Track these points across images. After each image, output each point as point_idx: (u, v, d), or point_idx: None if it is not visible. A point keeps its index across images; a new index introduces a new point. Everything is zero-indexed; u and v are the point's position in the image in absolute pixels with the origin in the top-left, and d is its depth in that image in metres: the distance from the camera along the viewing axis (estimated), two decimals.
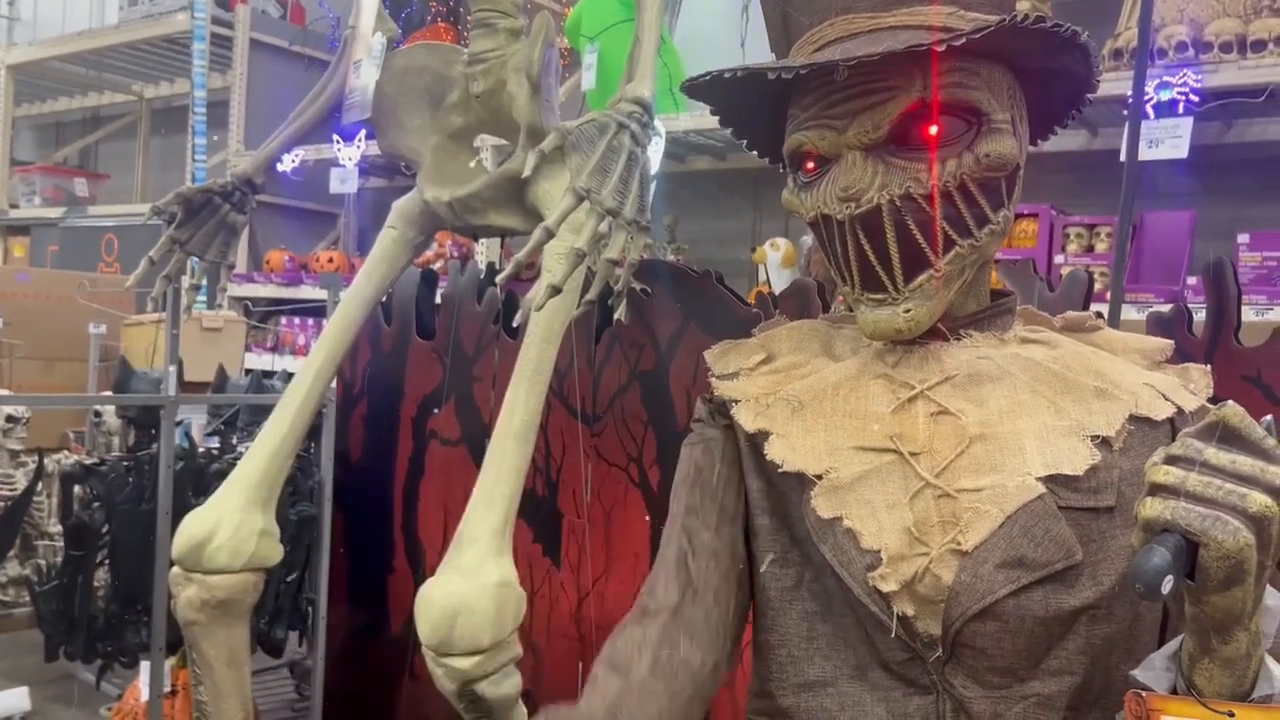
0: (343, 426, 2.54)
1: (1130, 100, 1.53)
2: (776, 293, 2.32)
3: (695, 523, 0.95)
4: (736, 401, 0.96)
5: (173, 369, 2.18)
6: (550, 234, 1.36)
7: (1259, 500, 0.64)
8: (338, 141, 4.25)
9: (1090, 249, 3.08)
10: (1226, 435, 0.67)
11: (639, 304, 2.08)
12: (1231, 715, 0.70)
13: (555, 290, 1.38)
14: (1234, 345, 1.56)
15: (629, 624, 0.93)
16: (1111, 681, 0.83)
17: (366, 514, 2.51)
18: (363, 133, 3.99)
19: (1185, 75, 2.87)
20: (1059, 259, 3.07)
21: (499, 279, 1.33)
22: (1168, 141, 2.88)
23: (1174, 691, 0.73)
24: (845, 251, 0.88)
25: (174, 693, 2.29)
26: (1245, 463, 0.66)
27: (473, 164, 1.92)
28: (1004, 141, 0.86)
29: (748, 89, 0.92)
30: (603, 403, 2.15)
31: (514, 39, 1.84)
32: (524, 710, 1.68)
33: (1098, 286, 3.02)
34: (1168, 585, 0.63)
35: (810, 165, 0.91)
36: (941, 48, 0.80)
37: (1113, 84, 3.01)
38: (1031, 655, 0.82)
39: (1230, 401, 0.69)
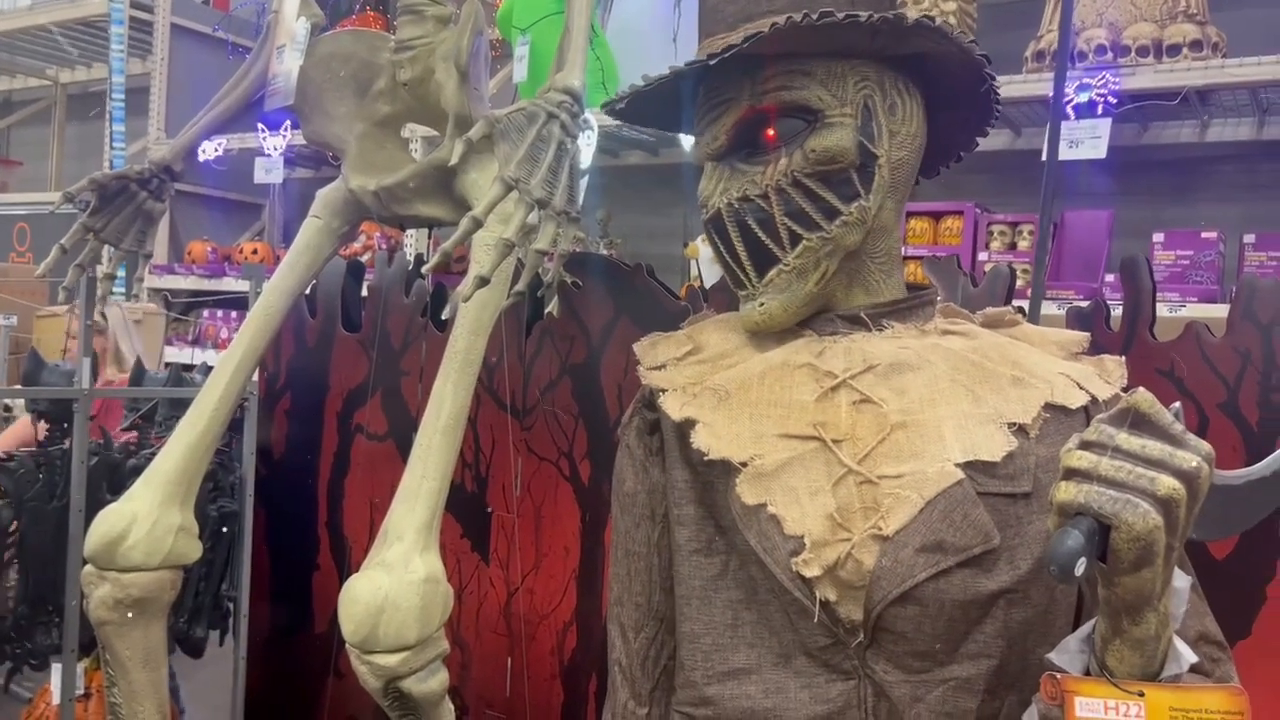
0: (266, 421, 2.48)
1: (1052, 101, 1.55)
2: (708, 287, 2.33)
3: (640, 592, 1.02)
4: (664, 391, 0.96)
5: (86, 361, 2.11)
6: (478, 223, 1.34)
7: (1167, 483, 0.65)
8: (262, 130, 4.15)
9: (1013, 246, 3.15)
10: (1137, 421, 0.69)
11: (570, 297, 2.06)
12: (1141, 695, 0.72)
13: (483, 281, 1.36)
14: (1149, 340, 1.60)
15: None
16: (1028, 664, 0.84)
17: (290, 510, 2.45)
18: (288, 122, 3.90)
19: (1104, 78, 2.96)
20: (983, 256, 3.13)
21: (425, 269, 1.32)
22: (1087, 142, 2.96)
23: (1087, 673, 0.75)
24: (714, 253, 0.97)
25: (87, 695, 2.21)
26: (1155, 447, 0.67)
27: (400, 153, 1.89)
28: (834, 135, 0.89)
29: (667, 98, 0.97)
30: (533, 396, 2.14)
31: (442, 26, 1.81)
32: (450, 707, 1.66)
33: (1020, 283, 3.10)
34: (1081, 567, 0.65)
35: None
36: (722, 55, 0.86)
37: (1035, 85, 3.08)
38: (950, 639, 0.84)
39: (1141, 388, 0.71)
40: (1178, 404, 0.72)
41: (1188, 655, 0.73)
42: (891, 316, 0.94)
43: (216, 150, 4.41)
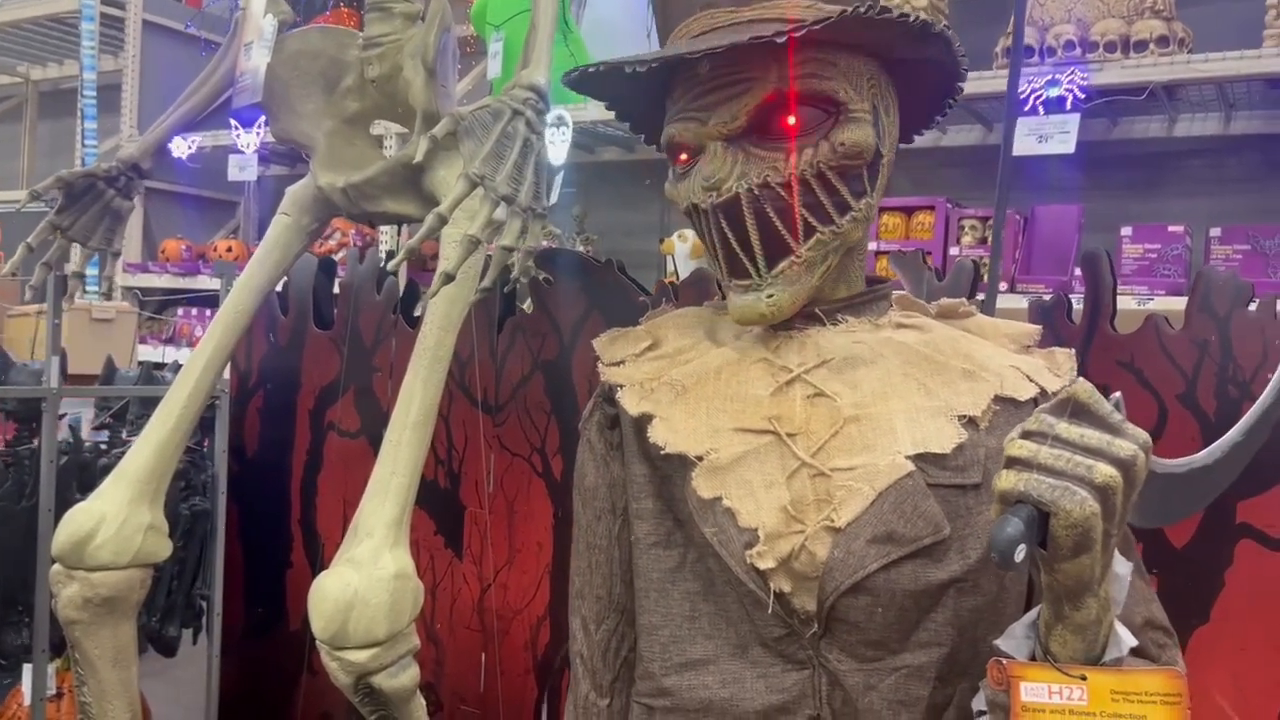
0: (238, 419, 2.47)
1: (1008, 96, 1.57)
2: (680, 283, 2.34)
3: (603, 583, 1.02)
4: (621, 387, 0.97)
5: (55, 359, 2.10)
6: (443, 220, 1.35)
7: (1104, 471, 0.67)
8: (236, 127, 4.13)
9: (984, 240, 3.17)
10: (1077, 411, 0.70)
11: (541, 293, 2.07)
12: (1084, 679, 0.73)
13: (449, 278, 1.36)
14: (1110, 332, 1.62)
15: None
16: (979, 652, 0.86)
17: (263, 508, 2.45)
18: (262, 119, 3.88)
19: (1073, 73, 2.98)
20: (954, 250, 3.15)
21: (390, 265, 1.32)
22: (1056, 137, 2.98)
23: (1033, 658, 0.77)
24: (712, 240, 0.92)
25: (59, 696, 2.20)
26: (1093, 436, 0.69)
27: (369, 150, 1.89)
28: (861, 130, 0.89)
29: (636, 81, 0.94)
30: (505, 393, 2.14)
31: (410, 23, 1.82)
32: (422, 702, 1.67)
33: (989, 277, 3.12)
34: (1020, 554, 0.66)
35: (683, 157, 0.94)
36: (780, 40, 0.82)
37: (1005, 80, 3.10)
38: (902, 628, 0.85)
39: (1081, 379, 0.72)
40: (1118, 394, 0.73)
41: (1128, 639, 0.75)
42: (846, 311, 0.95)
43: (190, 148, 4.39)
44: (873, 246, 3.23)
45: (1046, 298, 1.66)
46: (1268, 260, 2.85)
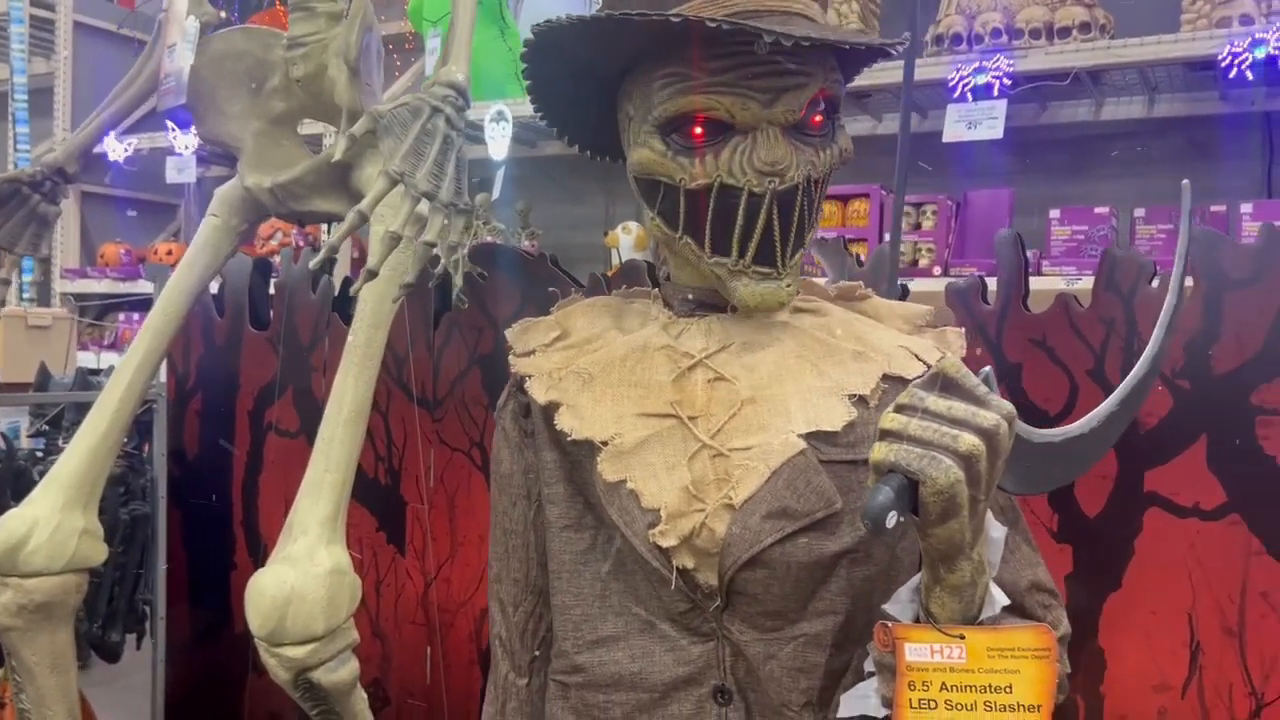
0: (177, 422, 2.46)
1: (903, 87, 1.61)
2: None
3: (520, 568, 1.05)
4: (530, 376, 0.99)
5: None
6: (364, 217, 1.37)
7: (968, 440, 0.71)
8: (173, 129, 4.08)
9: (918, 226, 3.24)
10: (946, 384, 0.74)
11: (476, 288, 2.09)
12: (962, 638, 0.77)
13: (372, 274, 1.38)
14: (1023, 312, 1.67)
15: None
16: (873, 619, 0.89)
17: (205, 510, 2.44)
18: None
19: (999, 60, 3.05)
20: (889, 236, 3.21)
21: (311, 264, 1.33)
22: (985, 123, 3.05)
23: (917, 621, 0.81)
24: (749, 224, 0.89)
25: (1, 706, 2.18)
26: (960, 408, 0.73)
27: (296, 149, 1.90)
28: (847, 136, 0.95)
29: (590, 55, 0.93)
30: (443, 388, 2.16)
31: (334, 23, 1.82)
32: (363, 695, 1.68)
33: (923, 261, 3.19)
34: (891, 520, 0.70)
35: (699, 131, 0.89)
36: (895, 51, 0.90)
37: (935, 68, 3.17)
38: (798, 598, 0.89)
39: (949, 355, 0.76)
40: (988, 368, 0.77)
41: (1001, 599, 0.79)
42: None
43: (127, 150, 4.32)
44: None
45: (962, 281, 1.71)
46: None
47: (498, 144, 3.48)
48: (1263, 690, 1.50)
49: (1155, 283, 1.58)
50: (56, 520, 1.73)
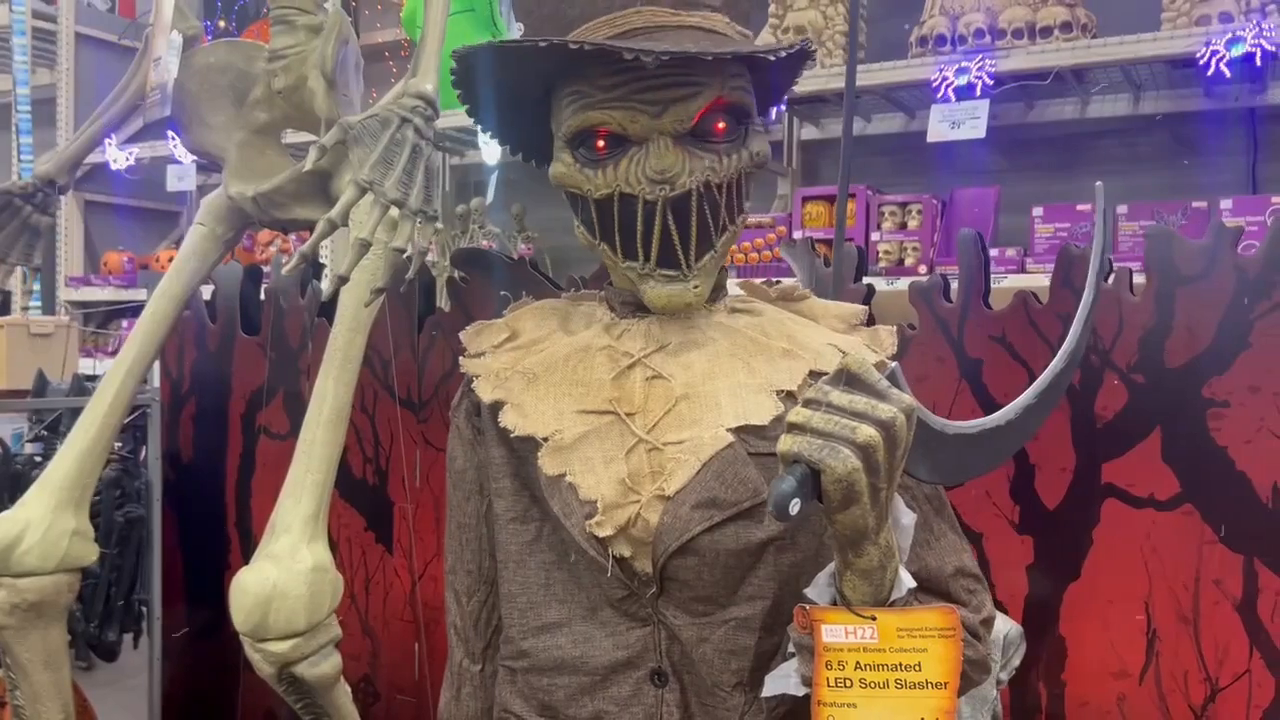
0: (172, 426, 2.52)
1: (845, 89, 1.64)
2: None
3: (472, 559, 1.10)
4: (478, 377, 1.04)
5: None
6: (334, 225, 1.41)
7: (865, 432, 0.75)
8: (173, 138, 4.14)
9: (904, 226, 3.27)
10: (850, 380, 0.78)
11: (459, 291, 2.14)
12: (873, 619, 0.82)
13: (341, 280, 1.43)
14: (984, 309, 1.71)
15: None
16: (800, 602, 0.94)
17: (200, 513, 2.50)
18: None
19: (981, 60, 3.08)
20: (875, 236, 3.25)
21: (285, 270, 1.38)
22: (967, 123, 3.08)
23: (834, 604, 0.85)
24: (648, 230, 0.95)
25: (1, 705, 2.24)
26: (861, 402, 0.77)
27: (279, 159, 1.95)
28: (763, 141, 0.99)
29: (509, 76, 0.98)
30: (428, 390, 2.21)
31: (314, 35, 1.87)
32: (346, 689, 1.73)
33: (909, 260, 3.22)
34: (794, 507, 0.74)
35: (601, 144, 0.95)
36: (773, 58, 0.93)
37: (920, 69, 3.20)
38: (728, 584, 0.93)
39: (853, 353, 0.80)
40: (895, 365, 0.81)
41: (909, 581, 0.83)
42: None
43: (129, 159, 4.40)
44: (799, 235, 3.32)
45: (925, 279, 1.75)
46: None
47: (491, 149, 3.53)
48: (1217, 676, 1.53)
49: (1111, 279, 1.62)
50: (48, 521, 1.78)
